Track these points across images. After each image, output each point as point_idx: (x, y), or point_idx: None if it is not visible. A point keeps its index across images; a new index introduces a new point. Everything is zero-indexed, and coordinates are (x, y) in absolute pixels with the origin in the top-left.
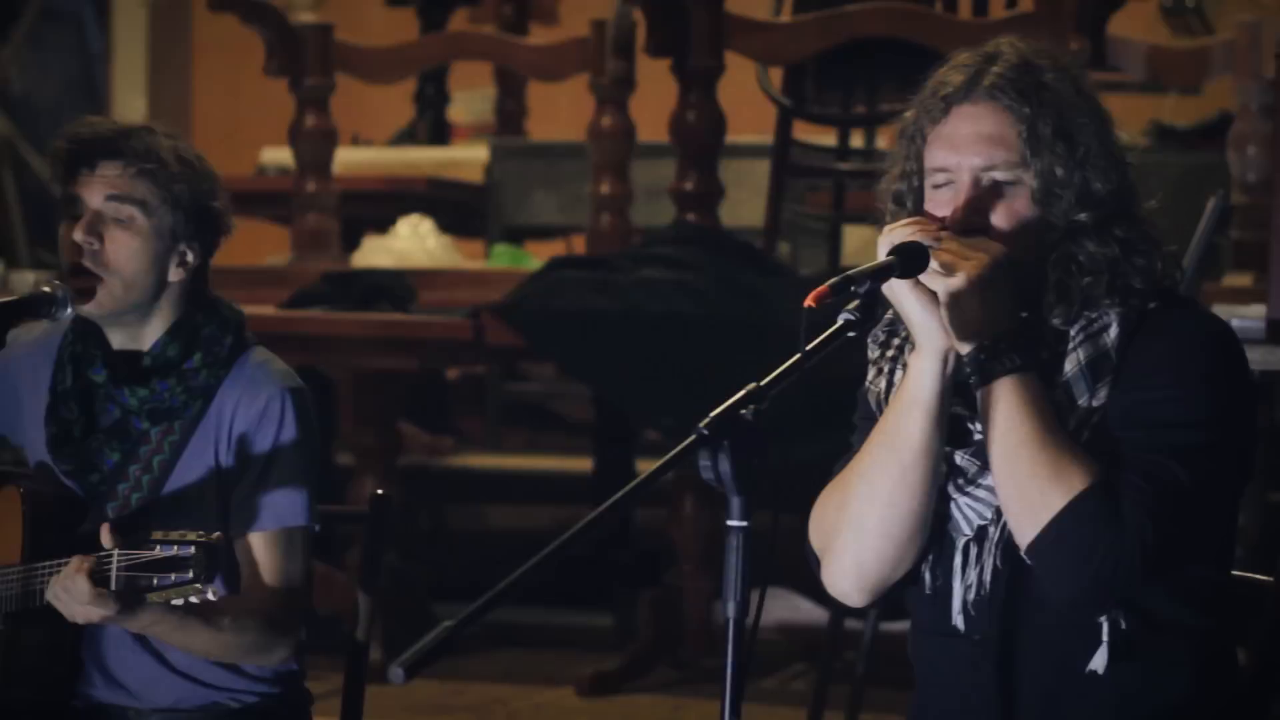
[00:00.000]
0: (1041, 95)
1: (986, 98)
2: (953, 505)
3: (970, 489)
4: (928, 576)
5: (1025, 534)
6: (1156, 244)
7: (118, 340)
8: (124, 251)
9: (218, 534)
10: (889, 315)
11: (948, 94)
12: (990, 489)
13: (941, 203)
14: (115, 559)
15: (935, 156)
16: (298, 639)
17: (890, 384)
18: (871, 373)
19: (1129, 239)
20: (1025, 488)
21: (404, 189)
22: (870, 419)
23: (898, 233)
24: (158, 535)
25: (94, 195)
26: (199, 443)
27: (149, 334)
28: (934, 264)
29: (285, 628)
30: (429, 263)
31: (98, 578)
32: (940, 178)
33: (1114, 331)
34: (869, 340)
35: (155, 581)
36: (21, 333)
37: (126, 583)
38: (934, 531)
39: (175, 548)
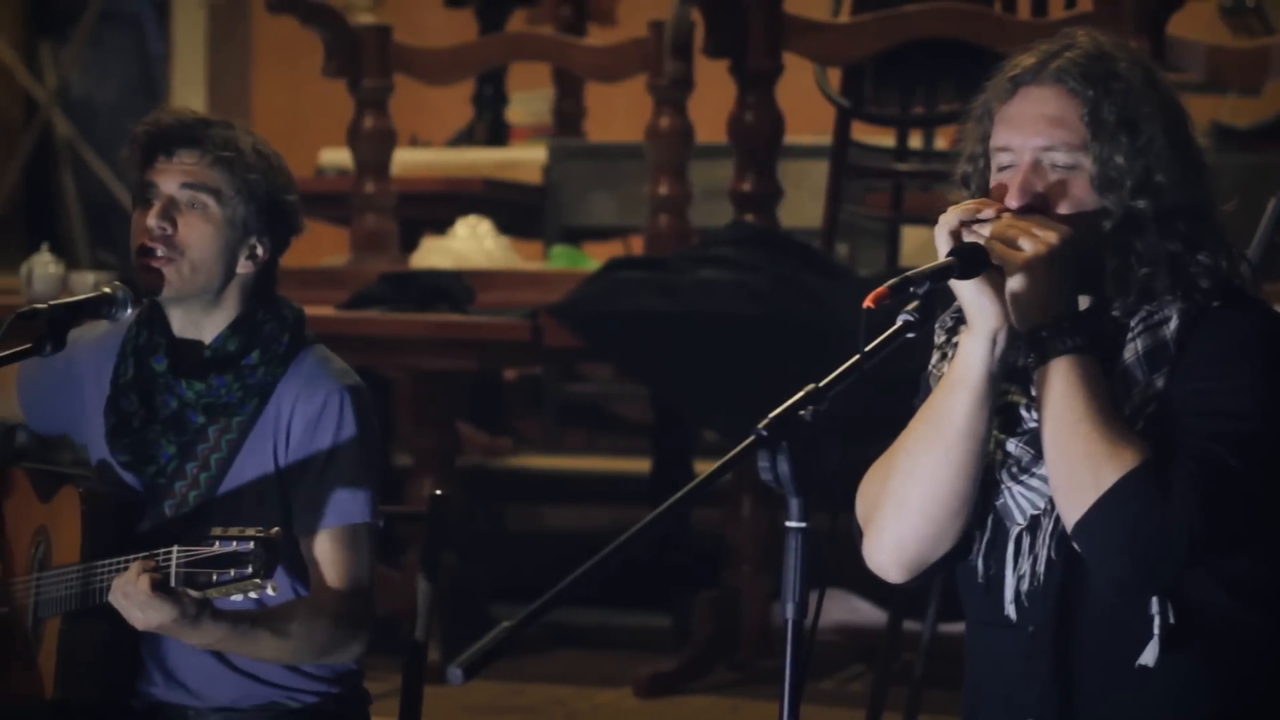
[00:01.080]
0: (1109, 83)
1: (1052, 80)
2: (1006, 493)
3: (1024, 477)
4: (980, 565)
5: (1074, 512)
6: (1225, 244)
7: (180, 326)
8: (196, 235)
9: (276, 529)
10: (957, 301)
11: (1016, 75)
12: (1044, 478)
13: (1001, 183)
14: (175, 555)
15: (999, 136)
16: (367, 636)
17: None
18: (935, 357)
19: (1193, 235)
20: (1076, 465)
21: (462, 190)
22: None
23: (953, 214)
24: (217, 531)
25: (170, 182)
26: (257, 441)
27: (211, 325)
28: (1005, 237)
29: (356, 624)
30: (487, 264)
31: (153, 578)
32: (1004, 158)
33: (1174, 324)
34: (936, 325)
35: (215, 577)
36: (84, 331)
37: (186, 579)
38: (987, 520)
39: (234, 544)
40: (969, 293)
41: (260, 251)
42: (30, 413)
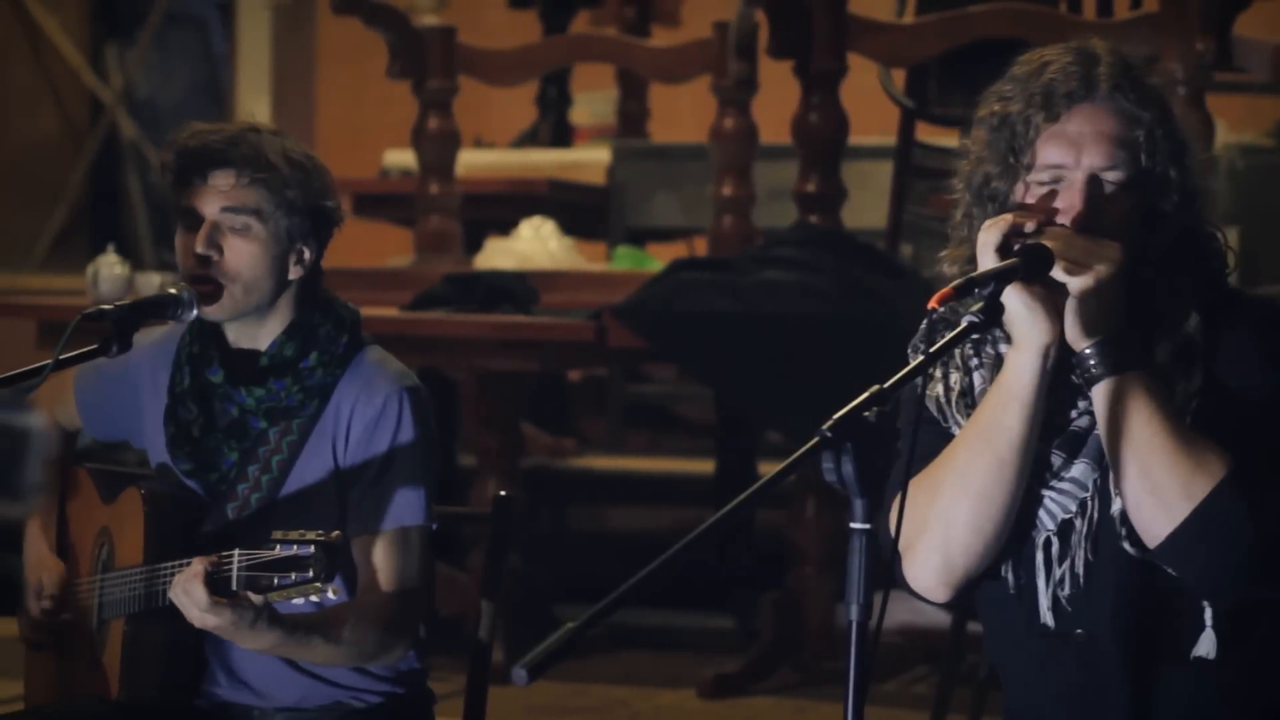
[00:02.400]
0: (1158, 100)
1: (1109, 99)
2: (1037, 500)
3: (1055, 482)
4: (1010, 577)
5: (1163, 527)
6: (1221, 241)
7: (235, 338)
8: (244, 259)
9: (337, 533)
10: (923, 326)
11: (1070, 90)
12: (1075, 480)
13: (1043, 198)
14: (236, 559)
15: (1050, 153)
16: (414, 638)
17: (948, 386)
18: (929, 381)
19: (1205, 238)
20: (1162, 481)
21: (526, 191)
22: (933, 423)
23: (995, 229)
24: (278, 535)
25: (209, 206)
26: (317, 442)
27: (266, 333)
28: (1070, 255)
29: (402, 630)
30: (551, 264)
31: (218, 580)
32: (1049, 174)
33: (1195, 319)
34: (909, 350)
35: (275, 581)
36: (139, 337)
37: (247, 582)
38: (1015, 529)
39: (295, 547)
40: (1020, 307)
41: (307, 255)
42: (88, 419)
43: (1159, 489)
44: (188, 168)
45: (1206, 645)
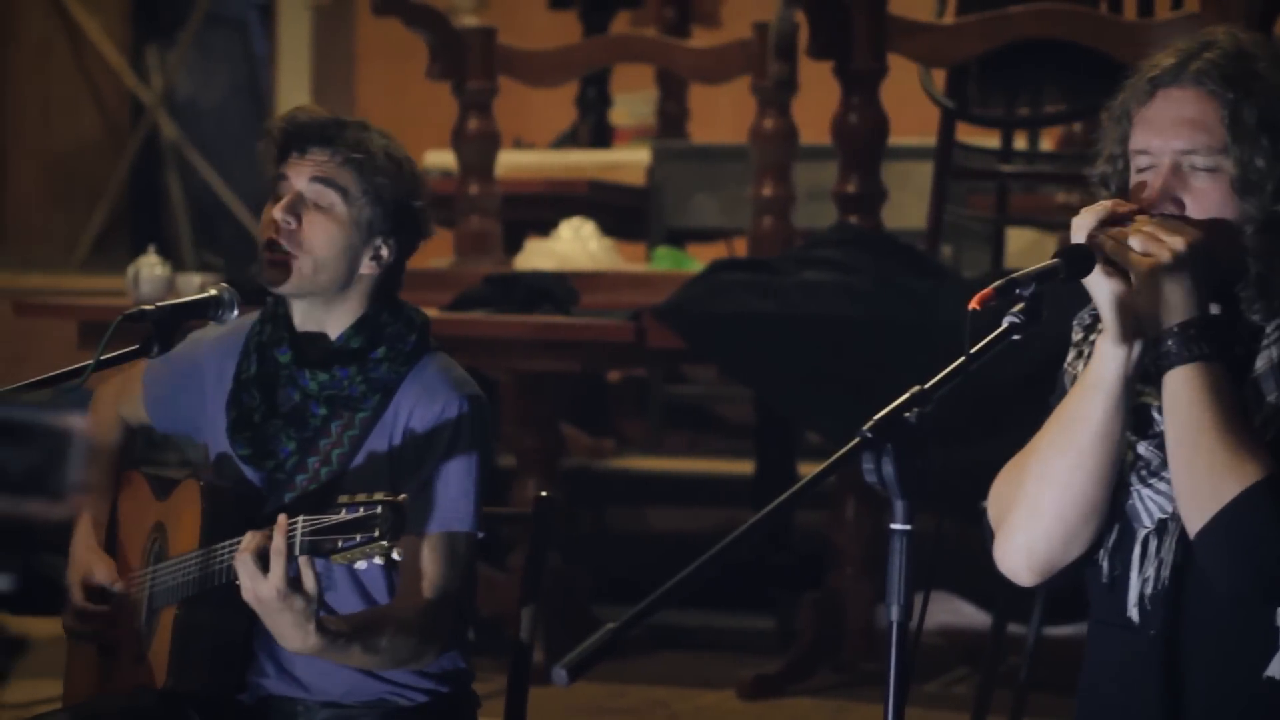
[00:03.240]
0: (1250, 84)
1: (1192, 83)
2: (1135, 495)
3: (1153, 480)
4: (1105, 565)
5: (1194, 522)
6: None
7: (302, 321)
8: (319, 235)
9: (403, 495)
10: (1095, 302)
11: (1155, 76)
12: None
13: (1139, 185)
14: (300, 524)
15: (1138, 139)
16: (445, 644)
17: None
18: (1071, 354)
19: None
20: (1198, 475)
21: (566, 192)
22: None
23: (1089, 215)
24: (343, 499)
25: (299, 177)
26: (375, 441)
27: (334, 323)
28: (1134, 245)
29: (437, 637)
30: (591, 265)
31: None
32: (1143, 160)
33: None
34: (1075, 321)
35: (340, 543)
36: (209, 331)
37: (311, 546)
38: (1115, 520)
39: (361, 509)
40: (1105, 295)
41: (385, 253)
42: (155, 412)
43: (1195, 483)
44: (289, 140)
45: (1278, 666)
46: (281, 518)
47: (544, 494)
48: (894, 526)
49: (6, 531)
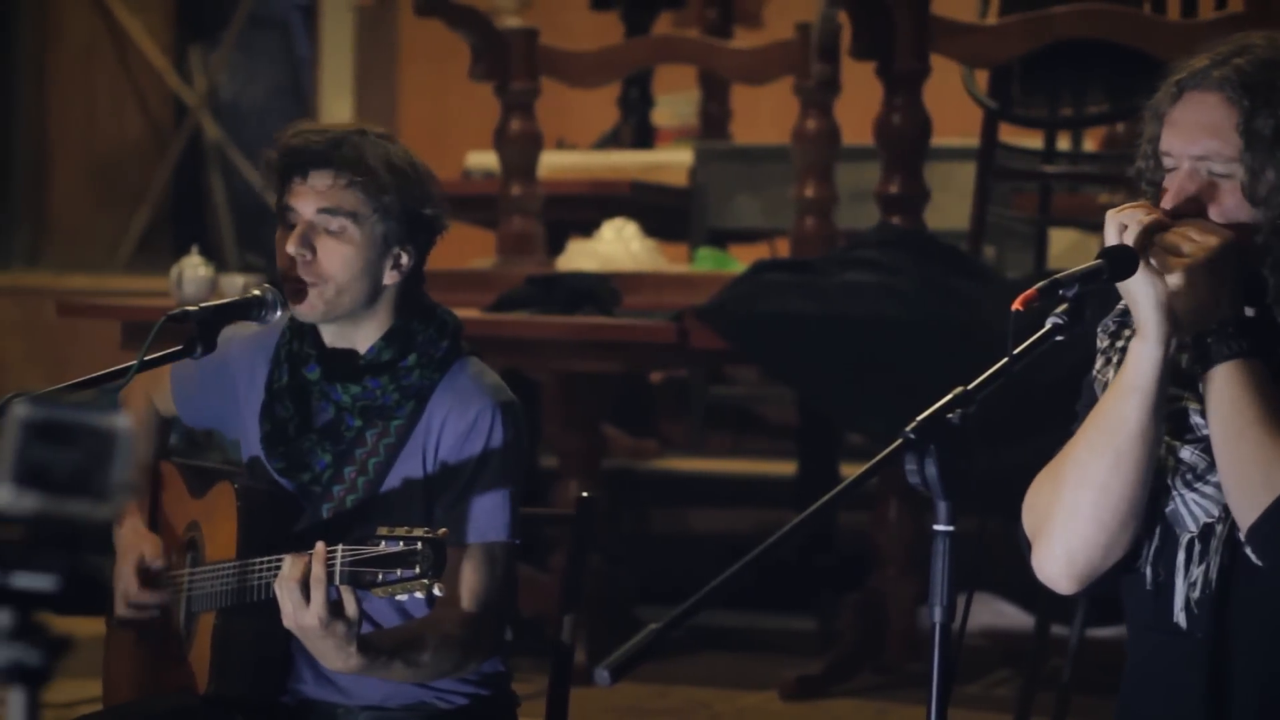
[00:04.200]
0: (1271, 94)
1: (1215, 88)
2: (1177, 500)
3: (1198, 485)
4: (1149, 571)
5: (1246, 516)
6: None
7: (332, 339)
8: (336, 261)
9: (444, 530)
10: (1121, 305)
11: (1182, 79)
12: (1219, 485)
13: (1170, 185)
14: (340, 554)
15: (1164, 140)
16: (488, 653)
17: (1118, 373)
18: (1099, 361)
19: None
20: (1247, 469)
21: (608, 192)
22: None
23: (1126, 213)
24: (383, 531)
25: (306, 206)
26: (411, 448)
27: (364, 337)
28: (1164, 244)
29: (479, 648)
30: (633, 266)
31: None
32: (1168, 161)
33: None
34: (1099, 329)
35: (380, 577)
36: (239, 329)
37: (350, 577)
38: (1156, 526)
39: (401, 543)
40: (1141, 298)
41: (405, 260)
42: (182, 407)
43: (1245, 477)
44: (289, 166)
45: None
46: (320, 545)
47: (586, 495)
48: (937, 527)
49: (51, 532)
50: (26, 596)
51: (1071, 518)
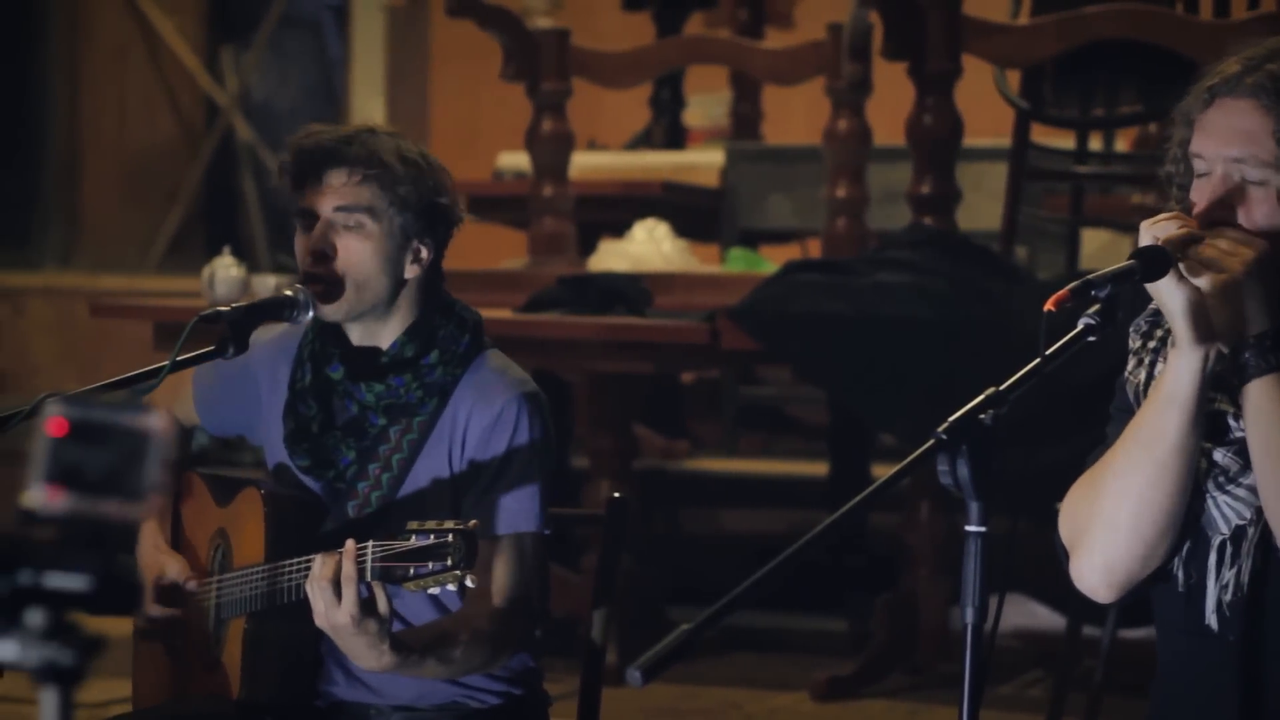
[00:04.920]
0: None
1: (1249, 94)
2: (1209, 502)
3: (1230, 487)
4: (1180, 574)
5: None
6: None
7: (357, 338)
8: (356, 257)
9: (474, 522)
10: (1153, 305)
11: (1214, 84)
12: (1251, 488)
13: (1201, 191)
14: (370, 550)
15: (1195, 143)
16: (519, 645)
17: (1150, 375)
18: (1131, 363)
19: None
20: None
21: (639, 193)
22: (1128, 410)
23: (1159, 226)
24: (413, 525)
25: (324, 206)
26: (435, 443)
27: (387, 333)
28: (1198, 258)
29: (511, 641)
30: (664, 266)
31: (357, 587)
32: (1200, 165)
33: None
34: (1130, 330)
35: (412, 571)
36: (260, 333)
37: (382, 573)
38: (1187, 528)
39: (432, 536)
40: (1179, 309)
41: (424, 254)
42: (205, 415)
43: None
44: (304, 169)
45: None
46: (350, 543)
47: (617, 495)
48: (969, 528)
49: (84, 532)
50: (59, 596)
51: (1110, 529)
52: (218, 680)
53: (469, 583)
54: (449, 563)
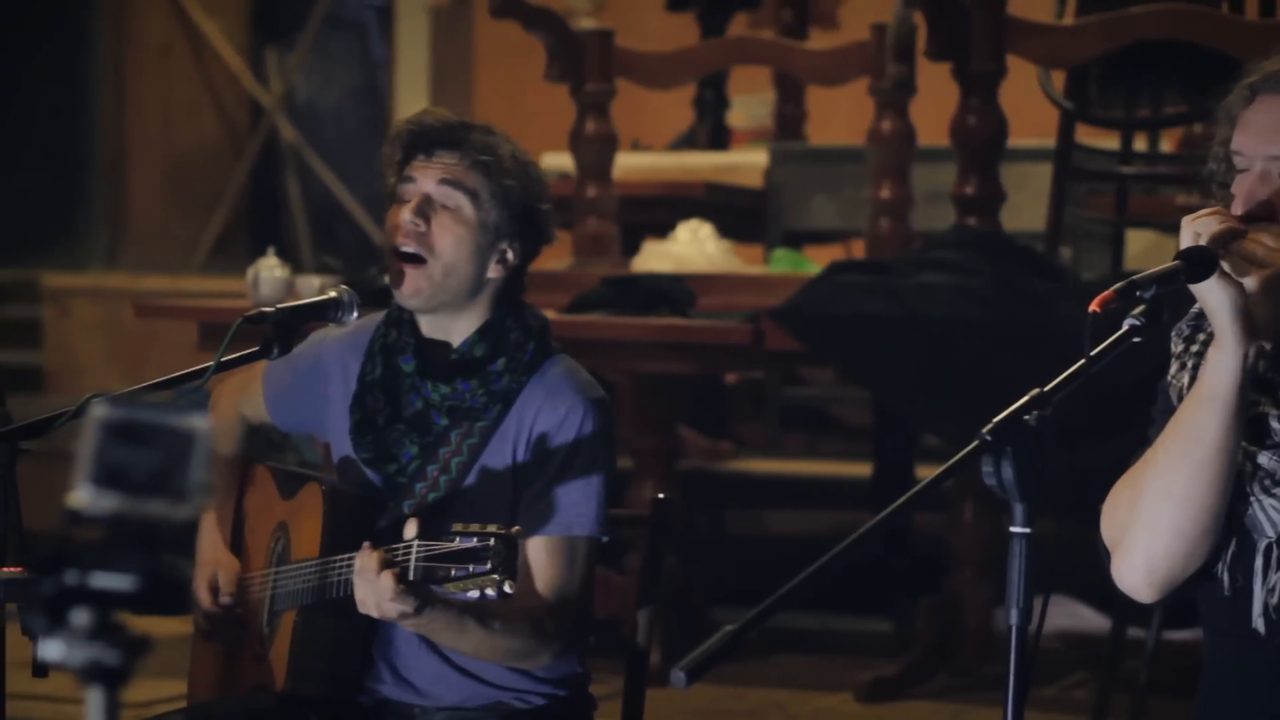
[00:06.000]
0: None
1: None
2: (1254, 506)
3: (1276, 490)
4: (1226, 578)
5: None
6: None
7: (429, 328)
8: (449, 237)
9: (517, 528)
10: (1195, 309)
11: (1255, 81)
12: None
13: (1241, 187)
14: (414, 549)
15: (1236, 140)
16: (562, 647)
17: (1193, 379)
18: (1174, 366)
19: None
20: None
21: (683, 194)
22: (1170, 413)
23: (1201, 221)
24: (457, 527)
25: (427, 180)
26: (497, 446)
27: (459, 329)
28: (1240, 253)
29: (552, 636)
30: (708, 267)
31: (397, 572)
32: (1240, 162)
33: None
34: (1173, 334)
35: (453, 572)
36: (331, 330)
37: (425, 573)
38: (1233, 531)
39: (474, 539)
40: (1220, 307)
41: (510, 257)
42: (275, 410)
43: None
44: (416, 143)
45: None
46: (410, 526)
47: (661, 496)
48: (1013, 529)
49: (130, 533)
50: (105, 596)
51: (1151, 528)
52: (265, 672)
53: (507, 589)
54: (489, 566)
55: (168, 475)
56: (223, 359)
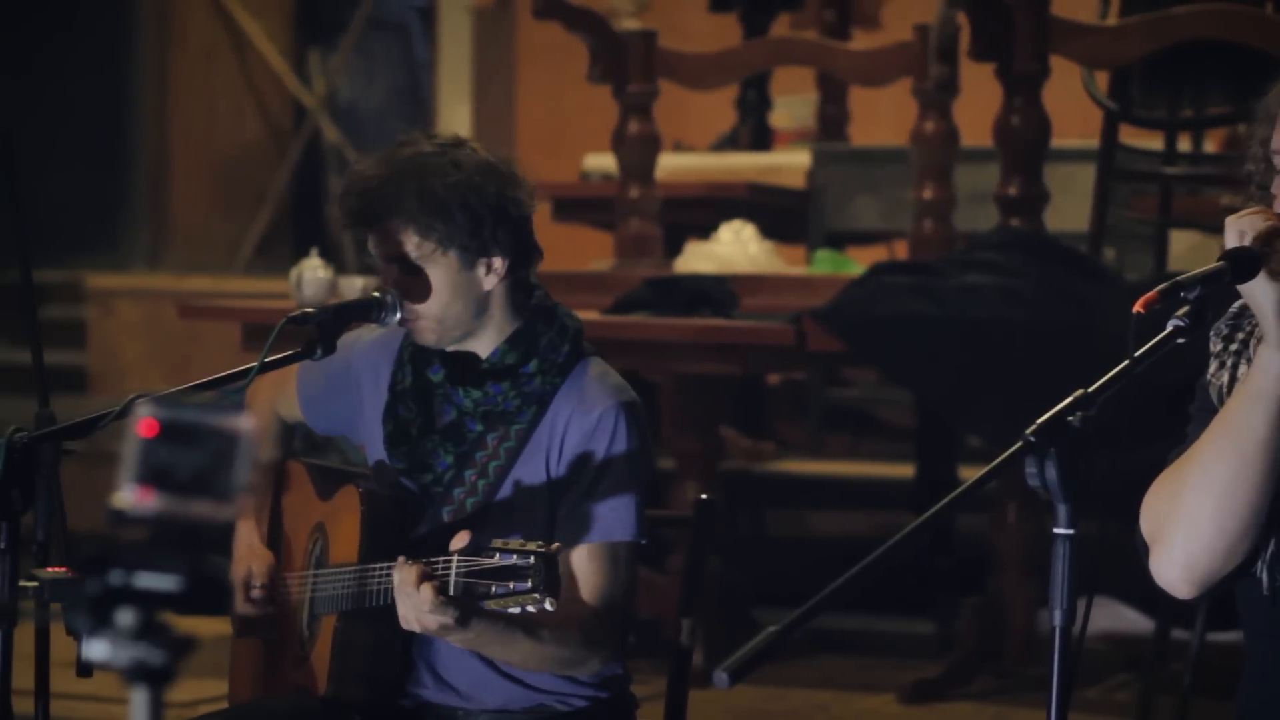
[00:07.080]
0: None
1: None
2: None
3: None
4: (1265, 576)
5: None
6: None
7: (455, 347)
8: (422, 299)
9: (556, 545)
10: (1234, 308)
11: None
12: None
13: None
14: (455, 565)
15: (1276, 140)
16: (611, 652)
17: (1233, 378)
18: (1213, 365)
19: None
20: None
21: (726, 194)
22: (1209, 411)
23: (1245, 220)
24: (497, 544)
25: (380, 252)
26: (533, 451)
27: (484, 341)
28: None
29: (600, 642)
30: (751, 268)
31: (437, 585)
32: (1279, 160)
33: None
34: (1211, 333)
35: (493, 589)
36: (363, 332)
37: (465, 589)
38: (1274, 530)
39: (514, 557)
40: (1262, 302)
41: (498, 262)
42: (309, 412)
43: None
44: (350, 222)
45: None
46: (460, 539)
47: (704, 497)
48: (1057, 531)
49: (174, 533)
50: (149, 596)
51: (1192, 523)
52: (306, 675)
53: (548, 606)
54: (529, 585)
55: (211, 475)
56: (266, 360)
